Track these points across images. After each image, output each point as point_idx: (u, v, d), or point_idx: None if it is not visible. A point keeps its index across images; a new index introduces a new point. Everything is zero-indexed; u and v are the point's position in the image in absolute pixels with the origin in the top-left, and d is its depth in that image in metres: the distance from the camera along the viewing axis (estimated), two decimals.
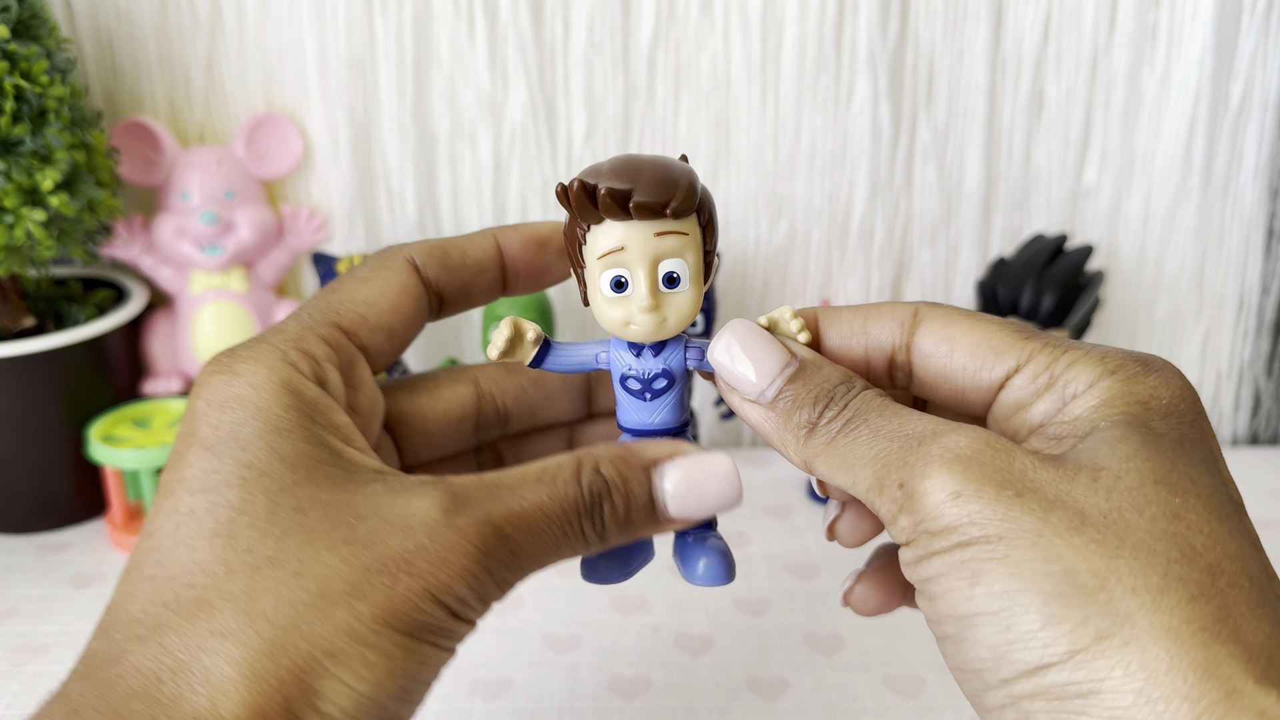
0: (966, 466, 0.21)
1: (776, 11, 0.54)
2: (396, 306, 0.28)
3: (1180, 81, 0.55)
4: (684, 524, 0.26)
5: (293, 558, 0.23)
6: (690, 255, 0.26)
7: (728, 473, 0.25)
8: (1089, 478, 0.21)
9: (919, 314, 0.26)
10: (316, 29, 0.53)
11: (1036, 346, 0.25)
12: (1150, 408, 0.23)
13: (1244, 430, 0.63)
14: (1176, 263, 0.59)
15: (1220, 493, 0.22)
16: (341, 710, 0.22)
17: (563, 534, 0.24)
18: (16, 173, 0.44)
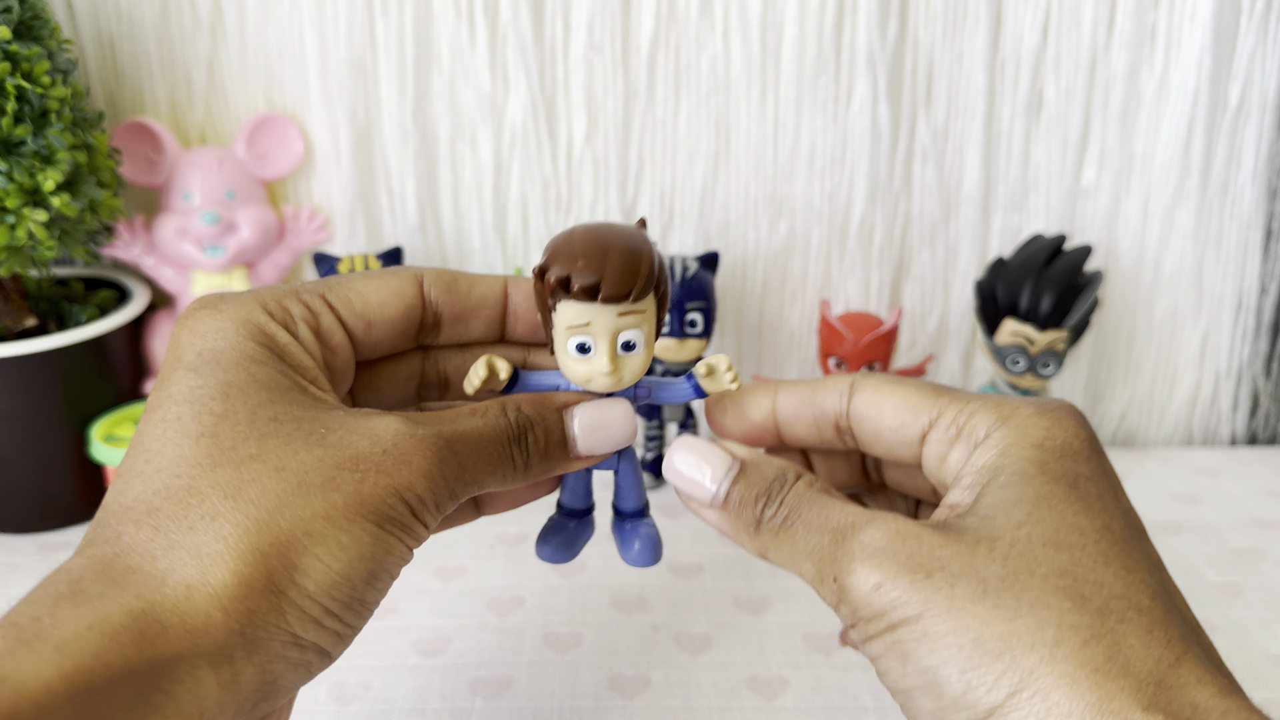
0: (883, 558, 0.24)
1: (776, 13, 0.54)
2: (384, 304, 0.30)
3: (1179, 82, 0.56)
4: (590, 459, 0.31)
5: (272, 455, 0.25)
6: (646, 325, 0.30)
7: (624, 414, 0.31)
8: (986, 548, 0.24)
9: (854, 384, 0.30)
10: (317, 30, 0.53)
11: (945, 402, 0.28)
12: (1046, 449, 0.26)
13: (1242, 430, 0.64)
14: (1175, 263, 0.59)
15: (1107, 534, 0.24)
16: (317, 584, 0.25)
17: (497, 455, 0.29)
18: (18, 173, 0.44)
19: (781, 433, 0.32)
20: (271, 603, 0.24)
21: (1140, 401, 0.63)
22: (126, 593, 0.23)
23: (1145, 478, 0.57)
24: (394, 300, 0.31)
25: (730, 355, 0.61)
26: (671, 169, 0.57)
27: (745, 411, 0.32)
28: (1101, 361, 0.62)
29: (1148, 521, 0.54)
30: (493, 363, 0.30)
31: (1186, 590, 0.46)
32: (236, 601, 0.24)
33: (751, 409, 0.32)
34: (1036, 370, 0.51)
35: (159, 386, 0.27)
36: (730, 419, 0.32)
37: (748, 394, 0.32)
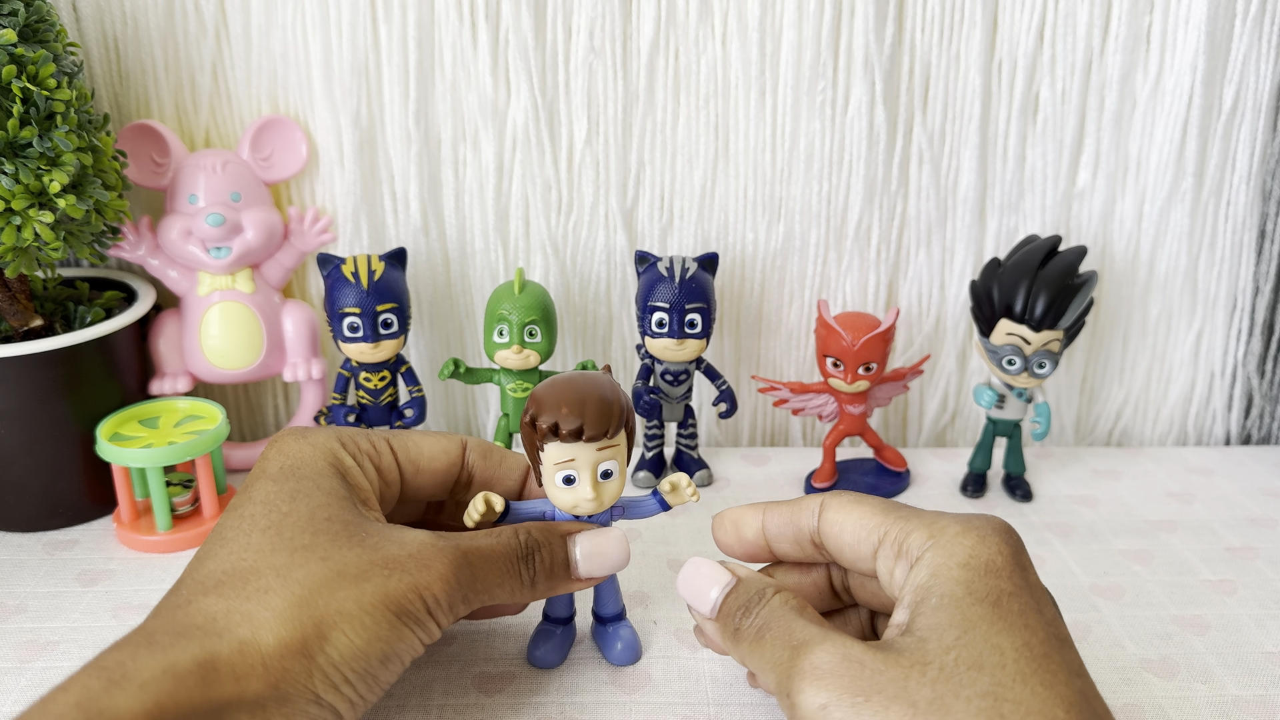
0: (828, 682, 0.28)
1: (774, 17, 0.54)
2: (433, 457, 0.39)
3: (1173, 85, 0.56)
4: (589, 582, 0.37)
5: (320, 548, 0.32)
6: (620, 457, 0.36)
7: (620, 543, 0.37)
8: (919, 673, 0.27)
9: (823, 504, 0.34)
10: (321, 34, 0.54)
11: (890, 522, 0.32)
12: (971, 568, 0.29)
13: (1237, 430, 0.64)
14: (1169, 263, 0.60)
15: (1026, 651, 0.27)
16: (341, 655, 0.30)
17: (507, 571, 0.35)
18: (24, 175, 0.44)
19: (771, 548, 0.36)
20: (303, 665, 0.30)
21: (1135, 401, 0.64)
22: (193, 644, 0.28)
23: (1140, 476, 0.58)
24: (441, 456, 0.39)
25: (729, 355, 0.62)
26: (671, 171, 0.57)
27: (740, 531, 0.36)
28: (1096, 361, 0.63)
29: (1141, 519, 0.55)
30: (489, 498, 0.36)
31: (1180, 587, 0.47)
32: (275, 659, 0.29)
33: (745, 528, 0.36)
34: (1032, 370, 0.51)
35: (243, 491, 0.35)
36: (729, 537, 0.37)
37: (742, 515, 0.36)
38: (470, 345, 0.61)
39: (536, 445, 0.36)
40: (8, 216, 0.44)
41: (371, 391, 0.54)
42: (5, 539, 0.50)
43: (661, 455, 0.57)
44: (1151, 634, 0.43)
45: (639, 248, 0.58)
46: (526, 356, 0.52)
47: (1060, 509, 0.54)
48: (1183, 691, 0.40)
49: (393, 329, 0.52)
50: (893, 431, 0.65)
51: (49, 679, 0.40)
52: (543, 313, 0.52)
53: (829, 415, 0.56)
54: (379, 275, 0.51)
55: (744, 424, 0.64)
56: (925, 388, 0.63)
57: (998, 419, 0.55)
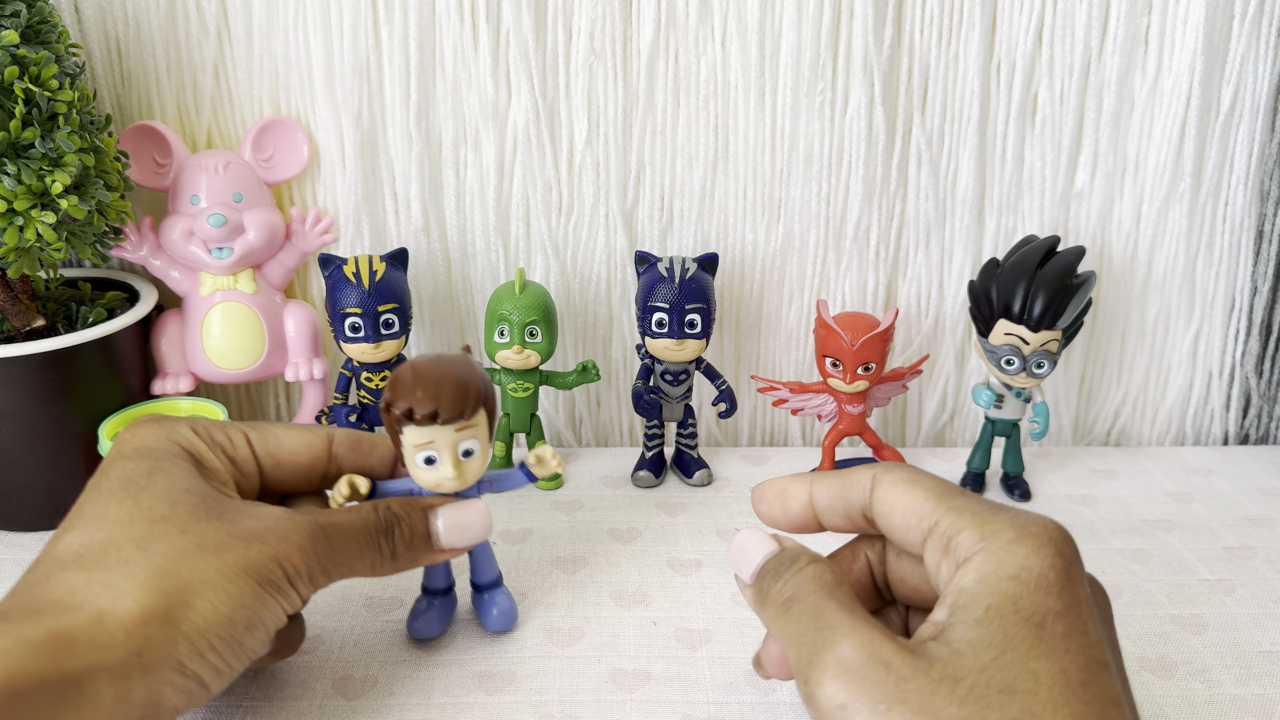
0: (850, 680, 0.26)
1: (774, 19, 0.55)
2: (294, 450, 0.38)
3: (1171, 86, 0.56)
4: (452, 553, 0.38)
5: (180, 520, 0.33)
6: (480, 435, 0.36)
7: (482, 514, 0.38)
8: (948, 689, 0.25)
9: (875, 479, 0.32)
10: (323, 35, 0.54)
11: (943, 511, 0.30)
12: (1021, 581, 0.27)
13: (1235, 429, 0.64)
14: (1167, 264, 0.60)
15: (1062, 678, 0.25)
16: (206, 621, 0.31)
17: (365, 543, 0.36)
18: (27, 176, 0.44)
19: (820, 520, 0.34)
20: (166, 632, 0.30)
21: (1133, 400, 0.64)
22: (48, 618, 0.29)
23: (1138, 476, 0.58)
24: (304, 450, 0.38)
25: (729, 355, 0.62)
26: (671, 172, 0.58)
27: (786, 502, 0.35)
28: (1095, 361, 0.63)
29: (1139, 519, 0.55)
30: (352, 480, 0.37)
31: (1178, 586, 0.47)
32: (138, 627, 0.29)
33: (791, 499, 0.35)
34: (1030, 370, 0.52)
35: (99, 472, 0.35)
36: (774, 508, 0.35)
37: (788, 485, 0.35)
38: (471, 344, 0.62)
39: (396, 428, 0.36)
40: (10, 217, 0.45)
41: (373, 391, 0.54)
42: (8, 539, 0.50)
43: (661, 455, 0.57)
44: (1149, 633, 0.44)
45: (639, 248, 0.58)
46: (527, 357, 0.53)
47: (1058, 509, 0.54)
48: (1181, 691, 0.40)
49: (394, 329, 0.52)
50: (891, 431, 0.65)
51: None
52: (543, 313, 0.52)
53: (828, 415, 0.56)
54: (380, 276, 0.51)
55: (743, 424, 0.64)
56: (924, 387, 0.63)
57: (996, 419, 0.55)
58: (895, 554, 0.34)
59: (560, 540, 0.50)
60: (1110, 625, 0.29)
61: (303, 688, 0.40)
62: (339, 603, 0.45)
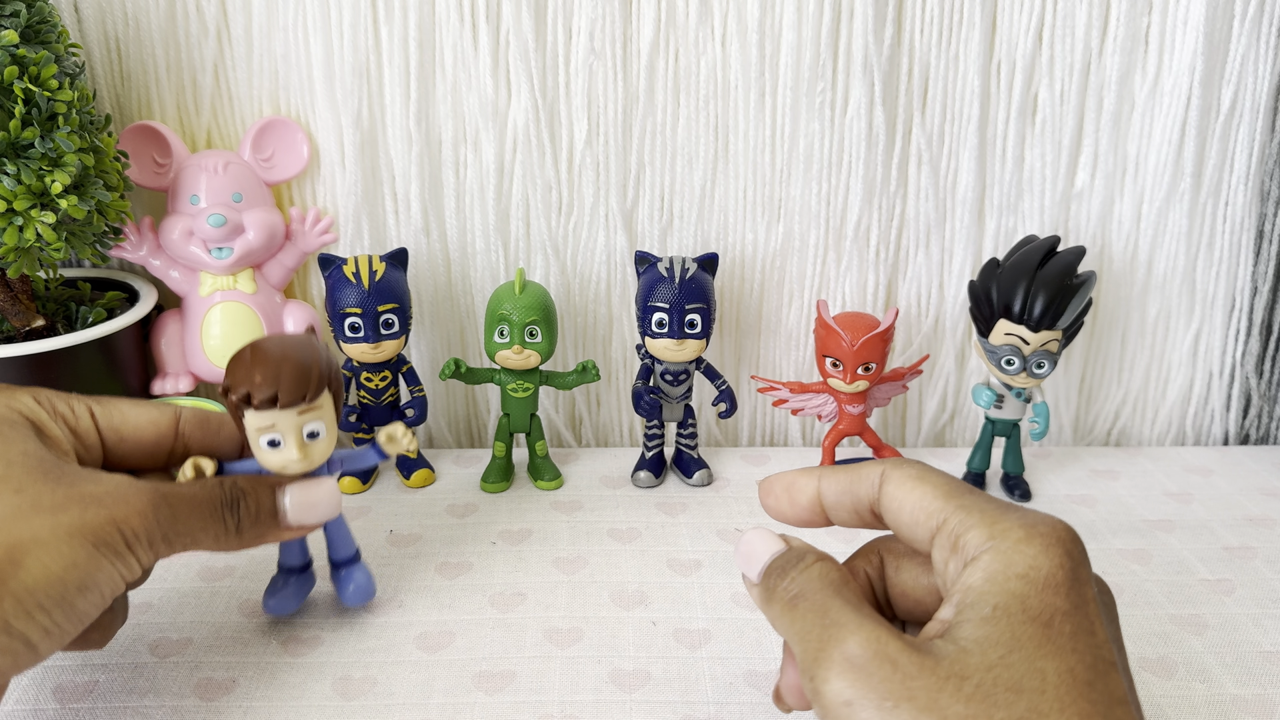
0: (857, 676, 0.26)
1: (774, 19, 0.55)
2: (138, 426, 0.38)
3: (1171, 86, 0.56)
4: (300, 530, 0.37)
5: (15, 480, 0.32)
6: (326, 417, 0.36)
7: (330, 493, 0.37)
8: (954, 686, 0.25)
9: (884, 475, 0.32)
10: (323, 35, 0.54)
11: (951, 509, 0.30)
12: (1029, 580, 0.27)
13: (1235, 429, 0.64)
14: (1167, 264, 0.60)
15: (1069, 677, 0.26)
16: (35, 580, 0.31)
17: (209, 515, 0.35)
18: (26, 175, 0.44)
19: (828, 515, 0.34)
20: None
21: (1133, 400, 0.64)
22: None
23: (1138, 476, 0.58)
24: (149, 427, 0.38)
25: (729, 355, 0.62)
26: (671, 172, 0.58)
27: (794, 495, 0.34)
28: (1095, 361, 0.63)
29: (1140, 519, 0.55)
30: (197, 463, 0.36)
31: (1178, 586, 0.47)
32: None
33: (799, 493, 0.34)
34: (1030, 370, 0.52)
35: None
36: (781, 502, 0.35)
37: (795, 479, 0.34)
38: (471, 345, 0.62)
39: (238, 414, 0.35)
40: (10, 217, 0.45)
41: (373, 391, 0.54)
42: None
43: (661, 455, 0.57)
44: (1149, 633, 0.44)
45: (639, 248, 0.58)
46: (527, 357, 0.53)
47: (1058, 509, 0.54)
48: (1181, 691, 0.40)
49: (394, 329, 0.52)
50: (892, 431, 0.65)
51: (51, 677, 0.40)
52: (543, 313, 0.52)
53: (828, 415, 0.56)
54: (380, 276, 0.51)
55: (743, 424, 0.64)
56: (924, 388, 0.63)
57: (996, 419, 0.55)
58: (895, 568, 0.34)
59: (560, 540, 0.50)
60: (1116, 624, 0.29)
61: (302, 688, 0.40)
62: (338, 603, 0.45)
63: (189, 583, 0.46)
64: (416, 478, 0.55)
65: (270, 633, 0.43)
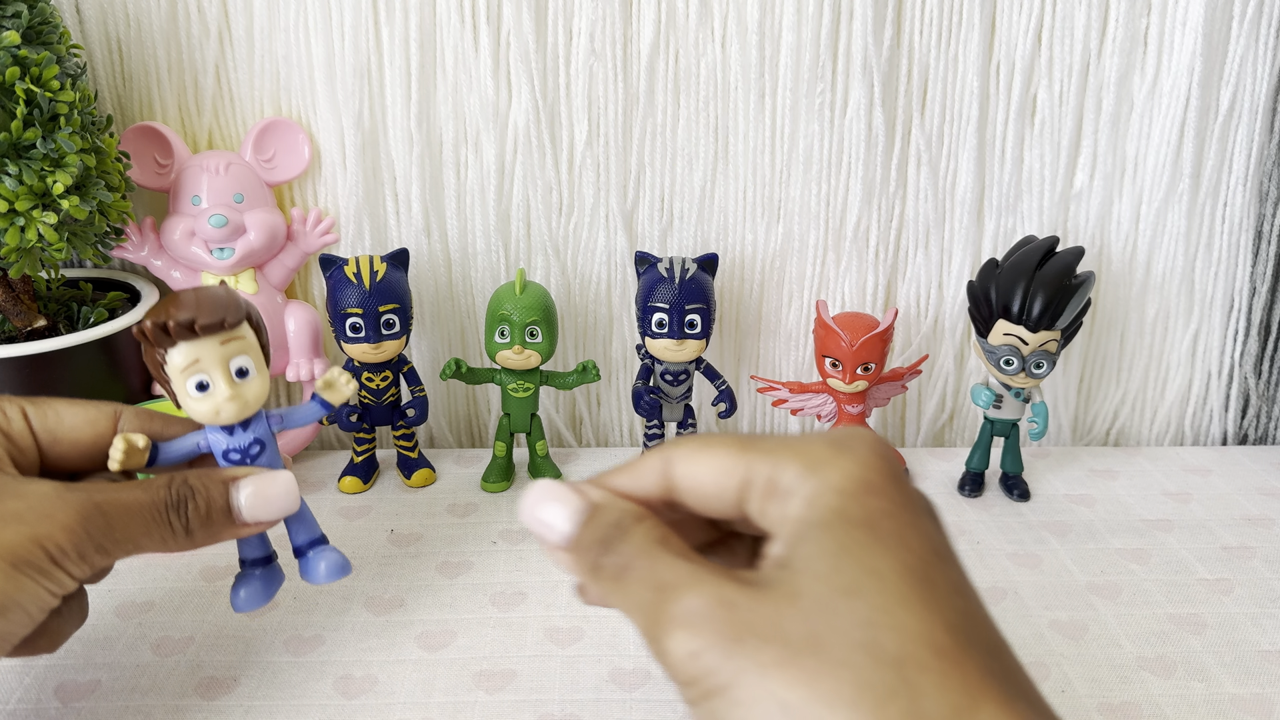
0: (698, 626, 0.25)
1: (774, 20, 0.55)
2: (75, 427, 0.36)
3: (1170, 87, 0.56)
4: (256, 527, 0.35)
5: None
6: (252, 353, 0.34)
7: (288, 485, 0.35)
8: (792, 609, 0.25)
9: (668, 457, 0.30)
10: (324, 36, 0.54)
11: (754, 458, 0.28)
12: (846, 493, 0.26)
13: (1233, 429, 0.64)
14: (1166, 264, 0.60)
15: (906, 572, 0.25)
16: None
17: (153, 520, 0.33)
18: (28, 176, 0.44)
19: None
20: None
21: (1132, 401, 0.64)
22: None
23: (1136, 476, 0.58)
24: (86, 427, 0.36)
25: (728, 355, 0.62)
26: (671, 173, 0.58)
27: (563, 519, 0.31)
28: (1094, 361, 0.63)
29: (1138, 518, 0.55)
30: (128, 438, 0.34)
31: (1177, 586, 0.47)
32: None
33: (567, 510, 0.31)
34: (1029, 371, 0.52)
35: None
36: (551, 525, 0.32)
37: (567, 494, 0.31)
38: (472, 345, 0.62)
39: (159, 363, 0.34)
40: (11, 217, 0.45)
41: (374, 391, 0.54)
42: None
43: None
44: (1148, 633, 0.44)
45: (639, 249, 0.58)
46: (528, 357, 0.53)
47: (1057, 508, 0.54)
48: (1180, 690, 0.40)
49: (395, 329, 0.52)
50: (891, 431, 0.65)
51: (51, 677, 0.40)
52: (544, 313, 0.53)
53: (827, 415, 0.56)
54: (381, 276, 0.51)
55: (743, 424, 0.64)
56: (923, 388, 0.63)
57: (995, 419, 0.55)
58: None
59: None
60: (940, 524, 0.28)
61: (304, 687, 0.40)
62: (339, 603, 0.45)
63: (190, 582, 0.47)
64: (417, 477, 0.56)
65: (272, 632, 0.43)
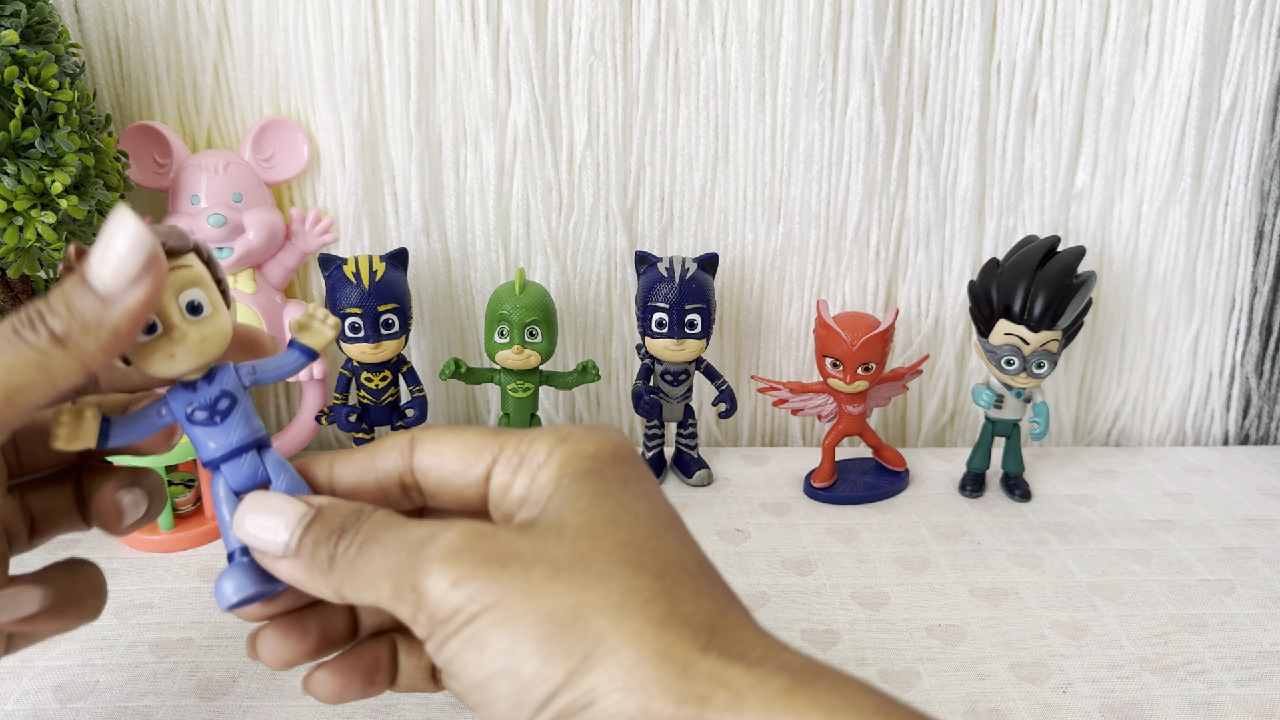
0: (459, 557, 0.25)
1: (774, 19, 0.55)
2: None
3: (1171, 86, 0.56)
4: (134, 287, 0.26)
5: None
6: (205, 286, 0.29)
7: (122, 219, 0.26)
8: (556, 534, 0.25)
9: (414, 439, 0.30)
10: (323, 35, 0.54)
11: (506, 438, 0.29)
12: (598, 459, 0.28)
13: (1235, 430, 0.64)
14: (1167, 264, 0.60)
15: (657, 516, 0.27)
16: None
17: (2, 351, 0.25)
18: (27, 175, 0.44)
19: None
20: None
21: (1133, 401, 0.64)
22: None
23: (1138, 476, 0.58)
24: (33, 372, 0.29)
25: (729, 355, 0.62)
26: (671, 172, 0.58)
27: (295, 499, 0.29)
28: (1095, 361, 0.63)
29: (1139, 519, 0.55)
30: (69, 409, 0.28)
31: (1178, 586, 0.47)
32: None
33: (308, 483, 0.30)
34: (1030, 370, 0.52)
35: None
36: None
37: (303, 469, 0.30)
38: (471, 345, 0.62)
39: None
40: (10, 217, 0.45)
41: (373, 391, 0.54)
42: None
43: (661, 455, 0.57)
44: (1149, 633, 0.44)
45: (639, 248, 0.58)
46: (527, 357, 0.53)
47: (1058, 509, 0.54)
48: (1181, 691, 0.40)
49: (394, 329, 0.52)
50: (892, 431, 0.65)
51: (50, 678, 0.40)
52: (543, 313, 0.52)
53: (828, 415, 0.56)
54: (380, 276, 0.51)
55: (744, 424, 0.64)
56: (924, 388, 0.63)
57: (996, 419, 0.55)
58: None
59: None
60: None
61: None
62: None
63: (189, 583, 0.46)
64: None
65: None
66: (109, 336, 0.26)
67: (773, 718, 0.22)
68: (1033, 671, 0.41)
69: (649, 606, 0.24)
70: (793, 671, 0.23)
